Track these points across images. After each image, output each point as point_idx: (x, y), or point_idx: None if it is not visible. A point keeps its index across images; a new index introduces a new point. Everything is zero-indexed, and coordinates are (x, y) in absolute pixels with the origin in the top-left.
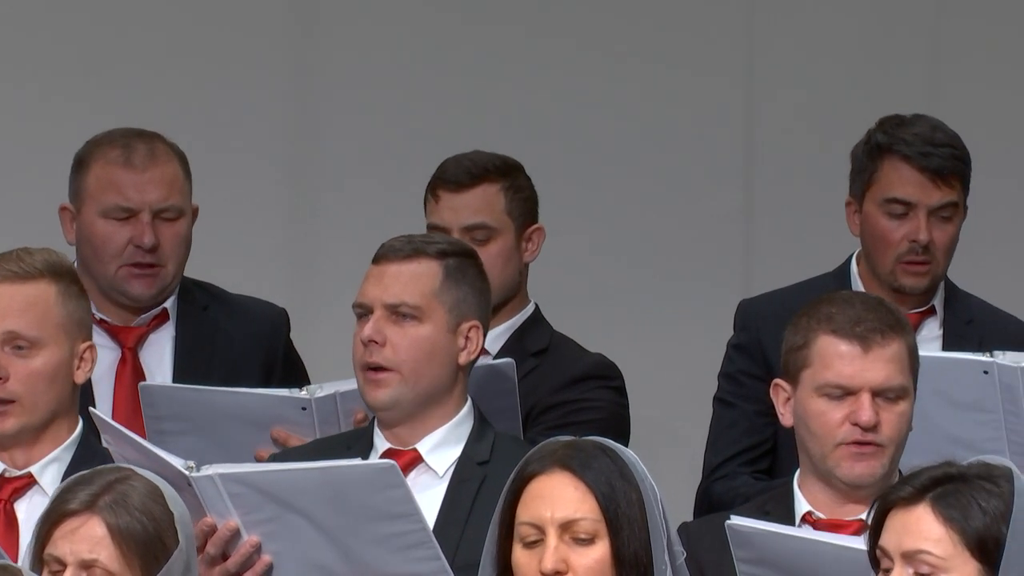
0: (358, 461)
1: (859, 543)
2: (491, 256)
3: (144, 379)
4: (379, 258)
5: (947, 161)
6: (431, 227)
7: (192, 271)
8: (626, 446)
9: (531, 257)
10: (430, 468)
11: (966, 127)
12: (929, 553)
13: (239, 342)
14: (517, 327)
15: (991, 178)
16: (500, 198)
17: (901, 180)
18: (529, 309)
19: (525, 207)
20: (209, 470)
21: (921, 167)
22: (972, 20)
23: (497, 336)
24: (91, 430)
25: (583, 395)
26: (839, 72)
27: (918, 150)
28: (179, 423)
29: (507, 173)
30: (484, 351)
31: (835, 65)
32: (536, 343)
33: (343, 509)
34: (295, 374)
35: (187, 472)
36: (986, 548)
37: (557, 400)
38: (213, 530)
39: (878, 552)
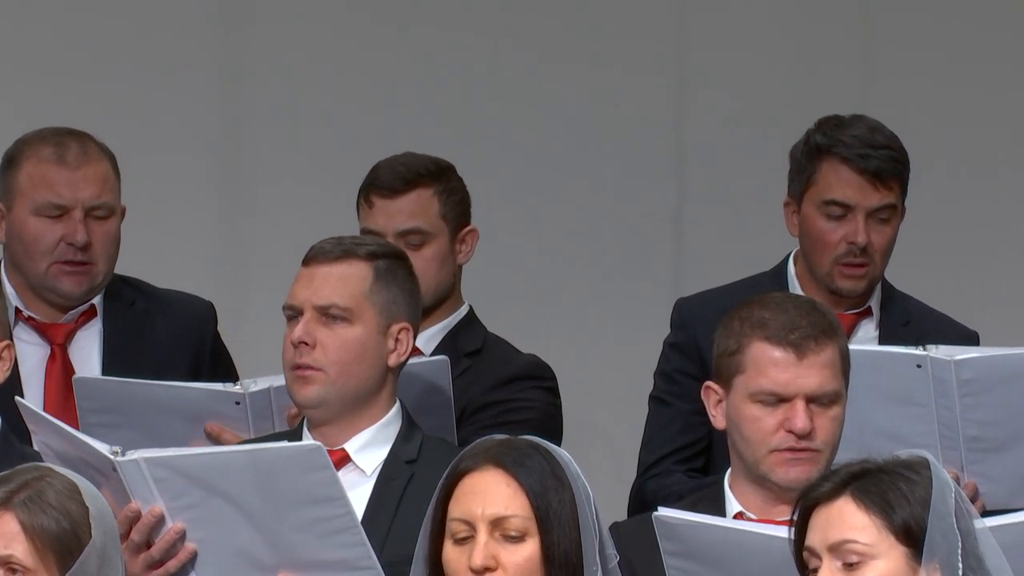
0: (284, 443)
1: (786, 532)
2: (426, 260)
3: (73, 375)
4: (309, 260)
5: (886, 163)
6: (364, 232)
7: (123, 271)
8: (558, 446)
9: (465, 259)
10: (358, 467)
11: (898, 126)
12: (855, 542)
13: (166, 335)
14: (451, 328)
15: (924, 176)
16: (434, 202)
17: (840, 182)
18: (463, 310)
19: (459, 210)
20: (134, 454)
21: (860, 169)
22: (902, 18)
23: (431, 337)
24: (11, 429)
25: (516, 395)
26: (769, 72)
27: (857, 152)
28: (113, 416)
29: (440, 176)
30: (418, 351)
31: (766, 65)
32: (470, 344)
33: (269, 492)
34: (223, 367)
35: (112, 457)
36: (911, 533)
37: (490, 400)
38: (138, 516)
39: (805, 554)
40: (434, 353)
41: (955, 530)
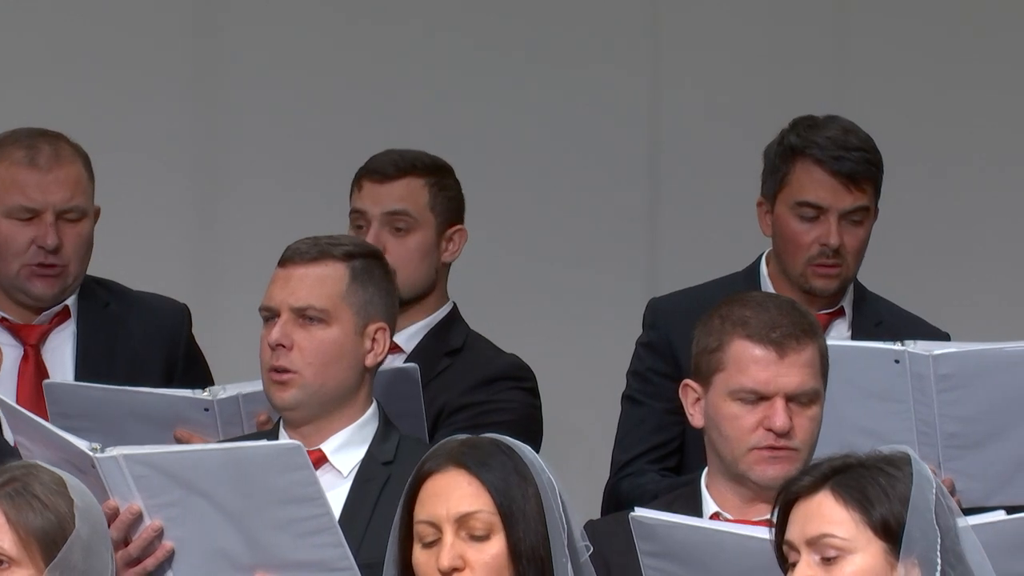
0: (264, 442)
1: (763, 532)
2: (408, 249)
3: (47, 376)
4: (285, 261)
5: (859, 165)
6: (353, 212)
7: (97, 272)
8: (538, 447)
9: (451, 257)
10: (334, 468)
11: (872, 125)
12: (833, 536)
13: (140, 338)
14: (433, 325)
15: (896, 176)
16: (424, 192)
17: (813, 183)
18: (446, 308)
19: (449, 206)
20: (113, 451)
21: (833, 171)
22: (876, 16)
23: (412, 334)
24: None
25: (494, 396)
26: (744, 71)
27: (831, 154)
28: (83, 421)
29: (435, 171)
30: (399, 349)
31: (740, 64)
32: (451, 342)
33: (247, 491)
34: (197, 370)
35: (91, 453)
36: (889, 528)
37: (468, 401)
38: (116, 513)
39: (785, 548)
40: (415, 350)
41: (934, 526)
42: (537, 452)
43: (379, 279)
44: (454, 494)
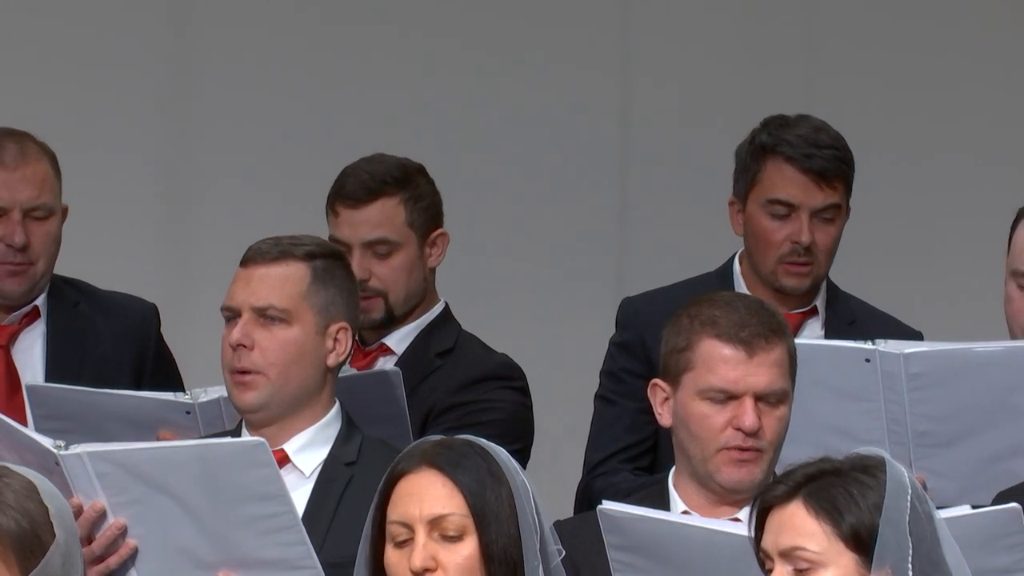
0: (228, 439)
1: (730, 527)
2: (394, 269)
3: (17, 376)
4: (246, 260)
5: (830, 163)
6: (332, 240)
7: (66, 270)
8: (528, 447)
9: (436, 262)
10: (296, 468)
11: (843, 123)
12: (804, 549)
13: (109, 337)
14: (424, 327)
15: (867, 174)
16: (400, 211)
17: (784, 181)
18: (437, 309)
19: (427, 215)
20: (77, 448)
21: (804, 168)
22: (846, 14)
23: (404, 336)
24: None
25: (483, 396)
26: (714, 69)
27: (802, 151)
28: (66, 423)
29: (407, 183)
30: (390, 352)
31: (710, 62)
32: (442, 343)
33: (211, 488)
34: (166, 369)
35: (56, 451)
36: (861, 539)
37: (457, 400)
38: (80, 511)
39: (760, 555)
40: (406, 352)
41: (907, 535)
42: (527, 452)
43: (340, 279)
44: (427, 495)
